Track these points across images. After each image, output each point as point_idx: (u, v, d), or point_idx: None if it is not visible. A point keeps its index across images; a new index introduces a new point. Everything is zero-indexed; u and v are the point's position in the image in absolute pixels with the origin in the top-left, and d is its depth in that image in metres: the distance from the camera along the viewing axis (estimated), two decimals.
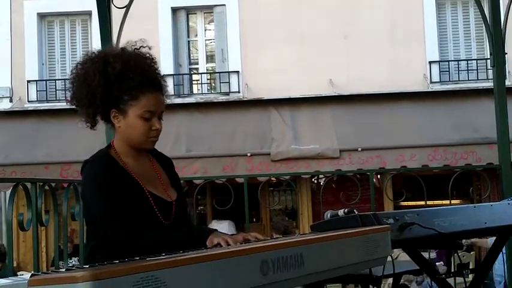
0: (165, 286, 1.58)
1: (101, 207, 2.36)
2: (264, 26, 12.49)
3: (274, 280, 1.90)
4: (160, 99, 2.47)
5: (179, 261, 1.68)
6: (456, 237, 3.07)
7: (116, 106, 2.42)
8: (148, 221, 2.36)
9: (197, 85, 13.12)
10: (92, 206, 2.40)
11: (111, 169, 2.41)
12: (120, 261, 1.84)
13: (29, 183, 3.67)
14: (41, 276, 1.64)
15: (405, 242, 2.77)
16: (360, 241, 2.30)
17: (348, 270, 2.27)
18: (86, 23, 13.12)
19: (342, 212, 2.80)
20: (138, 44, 2.51)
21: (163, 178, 2.58)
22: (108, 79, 2.40)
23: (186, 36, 13.20)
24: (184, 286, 1.64)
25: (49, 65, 13.09)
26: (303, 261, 2.00)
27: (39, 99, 12.60)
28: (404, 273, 3.79)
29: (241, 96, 12.47)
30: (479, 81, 12.26)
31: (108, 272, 1.51)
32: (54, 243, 4.13)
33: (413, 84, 12.16)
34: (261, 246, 1.97)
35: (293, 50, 12.32)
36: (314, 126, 11.34)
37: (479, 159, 10.12)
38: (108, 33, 5.10)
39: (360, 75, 12.07)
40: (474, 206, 3.29)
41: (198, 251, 2.09)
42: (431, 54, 12.52)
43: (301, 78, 12.11)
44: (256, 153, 10.56)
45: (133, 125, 2.42)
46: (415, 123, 11.13)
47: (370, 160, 10.37)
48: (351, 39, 12.43)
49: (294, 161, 10.48)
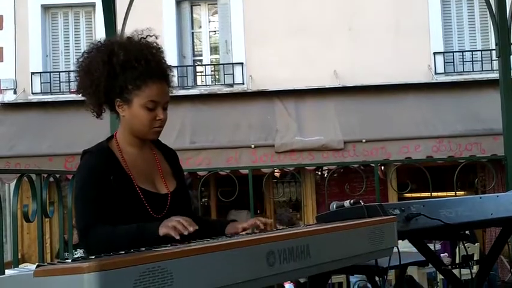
0: (171, 276, 1.58)
1: (77, 197, 2.38)
2: (269, 17, 12.45)
3: (280, 271, 1.90)
4: (164, 89, 2.45)
5: (185, 251, 1.68)
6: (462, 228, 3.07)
7: (121, 95, 2.41)
8: (138, 215, 2.35)
9: (201, 77, 13.10)
10: (75, 194, 2.44)
11: (105, 162, 2.40)
12: (126, 252, 1.83)
13: (34, 175, 3.67)
14: (47, 266, 1.63)
15: (411, 232, 2.77)
16: (366, 232, 2.30)
17: (354, 261, 2.27)
18: (90, 15, 13.10)
19: (347, 203, 2.80)
20: (145, 33, 2.50)
21: (164, 169, 2.57)
22: (112, 68, 2.39)
23: (190, 28, 13.17)
24: (190, 276, 1.64)
25: (53, 57, 13.08)
26: (309, 252, 2.00)
27: (43, 91, 12.59)
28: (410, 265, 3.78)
29: (245, 87, 12.45)
30: (484, 72, 12.21)
31: (114, 263, 1.51)
32: (59, 235, 4.14)
33: (418, 75, 12.11)
34: (267, 237, 1.96)
35: (297, 42, 12.28)
36: (318, 117, 11.32)
37: (483, 150, 10.09)
38: (112, 24, 5.10)
39: (364, 66, 12.03)
40: (480, 197, 3.29)
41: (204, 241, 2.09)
42: (435, 45, 12.47)
43: (306, 70, 12.08)
44: (260, 145, 10.53)
45: (137, 115, 2.42)
46: (419, 114, 11.10)
47: (374, 151, 10.34)
48: (356, 30, 12.38)
49: (298, 153, 10.45)
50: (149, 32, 2.51)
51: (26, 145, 10.85)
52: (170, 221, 2.17)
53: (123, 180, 2.40)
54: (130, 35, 2.50)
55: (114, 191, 2.34)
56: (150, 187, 2.46)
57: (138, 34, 2.49)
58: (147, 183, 2.46)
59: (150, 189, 2.45)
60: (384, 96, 11.62)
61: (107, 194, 2.33)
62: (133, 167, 2.46)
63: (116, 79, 2.39)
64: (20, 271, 1.99)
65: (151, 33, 2.51)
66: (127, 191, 2.38)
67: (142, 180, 2.45)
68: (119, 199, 2.35)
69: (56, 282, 1.53)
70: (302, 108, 11.63)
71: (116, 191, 2.35)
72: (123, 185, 2.38)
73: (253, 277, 1.82)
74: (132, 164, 2.46)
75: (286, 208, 11.55)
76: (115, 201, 2.33)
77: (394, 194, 9.93)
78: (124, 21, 5.11)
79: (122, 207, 2.35)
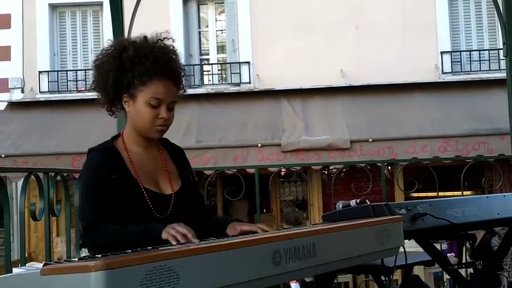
0: (177, 275, 1.59)
1: (82, 195, 2.40)
2: (275, 16, 12.45)
3: (286, 270, 1.90)
4: (170, 89, 2.44)
5: (191, 250, 1.68)
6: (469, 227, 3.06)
7: (127, 91, 2.42)
8: (141, 215, 2.35)
9: (208, 76, 13.11)
10: (80, 192, 2.46)
11: (109, 161, 2.41)
12: (133, 251, 1.84)
13: (41, 173, 3.68)
14: (54, 265, 1.64)
15: (417, 232, 2.76)
16: (372, 231, 2.30)
17: (360, 261, 2.27)
18: (98, 14, 13.13)
19: (354, 202, 2.80)
20: (163, 36, 2.50)
21: (171, 169, 2.57)
22: (122, 63, 2.41)
23: (197, 27, 13.19)
24: (196, 275, 1.64)
25: (61, 56, 13.12)
26: (315, 251, 2.00)
27: (50, 90, 12.63)
28: (417, 264, 3.78)
29: (252, 87, 12.45)
30: (491, 72, 12.18)
31: (120, 262, 1.52)
32: (66, 234, 4.15)
33: (425, 74, 12.09)
34: (273, 236, 1.97)
35: (304, 41, 12.27)
36: (325, 117, 11.31)
37: (490, 150, 10.05)
38: (119, 23, 5.11)
39: (371, 65, 12.01)
40: (487, 196, 3.28)
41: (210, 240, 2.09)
42: (443, 45, 12.45)
43: (312, 69, 12.08)
44: (266, 144, 10.52)
45: (140, 111, 2.42)
46: (426, 114, 11.07)
47: (381, 151, 10.32)
48: (362, 29, 12.37)
49: (304, 152, 10.44)
50: (168, 34, 2.52)
51: (33, 144, 10.88)
52: (173, 227, 2.17)
53: (127, 179, 2.40)
54: (146, 36, 2.51)
55: (117, 190, 2.35)
56: (154, 187, 2.45)
57: (156, 36, 2.50)
58: (151, 183, 2.45)
59: (154, 189, 2.44)
60: (391, 96, 11.60)
61: (110, 192, 2.33)
62: (139, 167, 2.46)
63: (124, 74, 2.41)
64: (27, 269, 2.00)
65: (169, 35, 2.52)
66: (130, 190, 2.38)
67: (147, 180, 2.45)
68: (122, 198, 2.35)
69: (63, 281, 1.54)
70: (308, 108, 11.62)
71: (118, 190, 2.35)
72: (126, 184, 2.39)
73: (259, 276, 1.82)
74: (138, 163, 2.46)
75: (292, 207, 11.54)
76: (118, 200, 2.34)
77: (401, 193, 9.90)
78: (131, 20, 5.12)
79: (125, 207, 2.35)
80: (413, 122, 10.83)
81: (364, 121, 10.97)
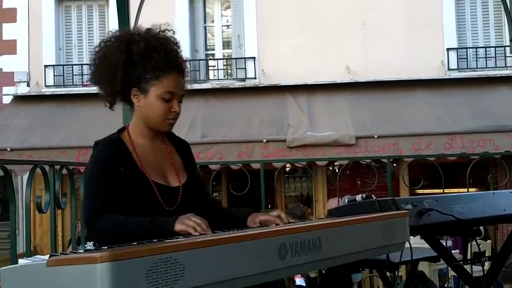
0: (183, 268, 1.59)
1: (87, 185, 2.41)
2: (281, 11, 12.44)
3: (292, 264, 1.90)
4: (181, 82, 2.48)
5: (197, 243, 1.68)
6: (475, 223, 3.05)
7: (137, 85, 2.43)
8: (149, 207, 2.35)
9: (213, 71, 13.11)
10: (85, 183, 2.47)
11: (115, 152, 2.41)
12: (139, 243, 1.84)
13: (47, 166, 3.69)
14: (60, 256, 1.64)
15: (423, 228, 2.75)
16: (378, 226, 2.29)
17: (366, 256, 2.26)
18: (103, 8, 13.14)
19: (359, 197, 2.79)
20: (163, 28, 2.52)
21: (176, 162, 2.58)
22: (130, 57, 2.41)
23: (203, 22, 13.17)
24: (202, 268, 1.64)
25: (66, 50, 13.13)
26: (321, 245, 2.00)
27: (56, 84, 12.65)
28: (422, 260, 3.77)
29: (258, 82, 12.44)
30: (497, 69, 12.16)
31: (126, 253, 1.52)
32: (71, 227, 4.16)
33: (431, 71, 12.08)
34: (279, 230, 1.96)
35: (310, 36, 12.26)
36: (330, 112, 11.30)
37: (496, 147, 10.03)
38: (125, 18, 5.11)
39: (376, 61, 12.00)
40: (493, 192, 3.27)
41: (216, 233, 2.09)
42: (449, 41, 12.41)
43: (318, 65, 12.06)
44: (272, 140, 10.52)
45: (153, 105, 2.43)
46: (432, 110, 11.05)
47: (386, 147, 10.31)
48: (368, 25, 12.34)
49: (309, 148, 10.43)
50: (168, 26, 2.53)
51: (38, 137, 10.90)
52: (187, 218, 2.17)
53: (134, 172, 2.40)
54: (149, 28, 2.51)
55: (125, 183, 2.35)
56: (161, 180, 2.45)
57: (157, 28, 2.51)
58: (158, 176, 2.46)
59: (161, 181, 2.45)
60: (397, 92, 11.59)
61: (117, 184, 2.33)
62: (145, 159, 2.46)
63: (133, 68, 2.41)
64: (33, 260, 2.00)
65: (169, 27, 2.53)
66: (138, 183, 2.39)
67: (154, 172, 2.45)
68: (130, 191, 2.35)
69: (69, 272, 1.54)
70: (314, 103, 11.61)
71: (126, 182, 2.35)
72: (134, 176, 2.39)
73: (264, 270, 1.82)
74: (144, 156, 2.47)
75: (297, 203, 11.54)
76: (125, 193, 2.34)
77: (406, 190, 9.89)
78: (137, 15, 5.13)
79: (133, 199, 2.35)
80: (418, 119, 10.81)
81: (369, 117, 10.96)
